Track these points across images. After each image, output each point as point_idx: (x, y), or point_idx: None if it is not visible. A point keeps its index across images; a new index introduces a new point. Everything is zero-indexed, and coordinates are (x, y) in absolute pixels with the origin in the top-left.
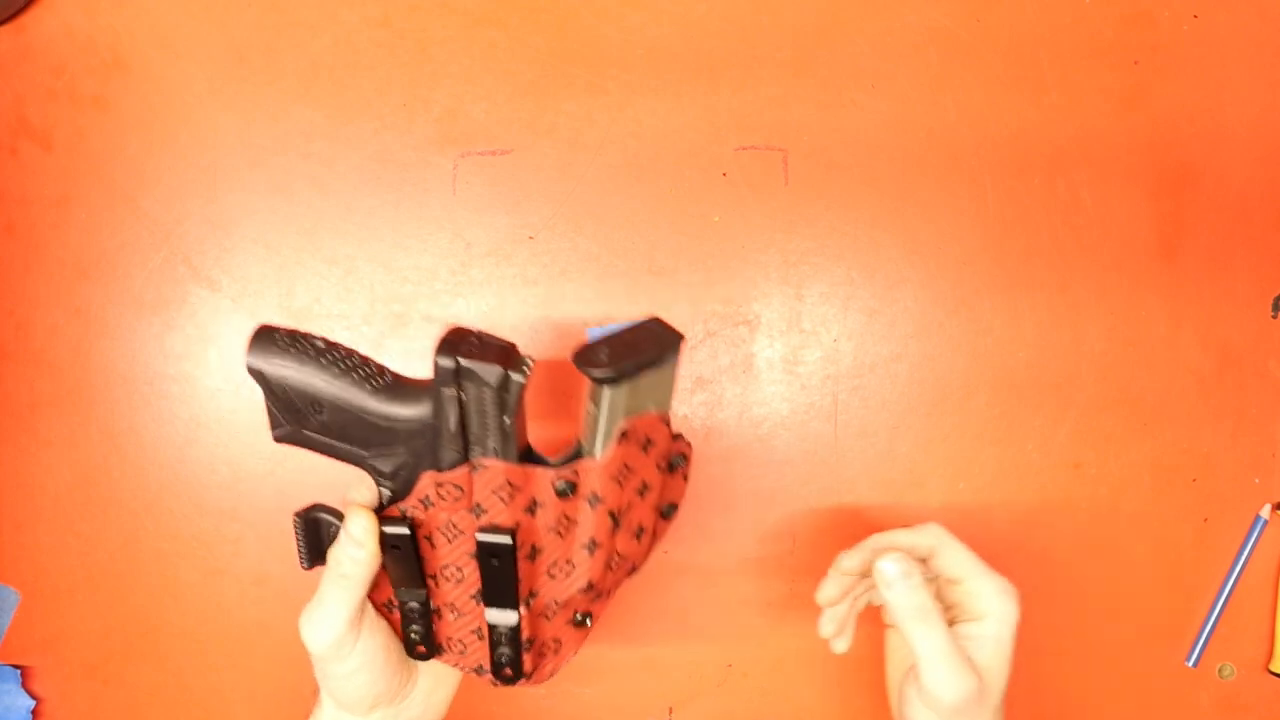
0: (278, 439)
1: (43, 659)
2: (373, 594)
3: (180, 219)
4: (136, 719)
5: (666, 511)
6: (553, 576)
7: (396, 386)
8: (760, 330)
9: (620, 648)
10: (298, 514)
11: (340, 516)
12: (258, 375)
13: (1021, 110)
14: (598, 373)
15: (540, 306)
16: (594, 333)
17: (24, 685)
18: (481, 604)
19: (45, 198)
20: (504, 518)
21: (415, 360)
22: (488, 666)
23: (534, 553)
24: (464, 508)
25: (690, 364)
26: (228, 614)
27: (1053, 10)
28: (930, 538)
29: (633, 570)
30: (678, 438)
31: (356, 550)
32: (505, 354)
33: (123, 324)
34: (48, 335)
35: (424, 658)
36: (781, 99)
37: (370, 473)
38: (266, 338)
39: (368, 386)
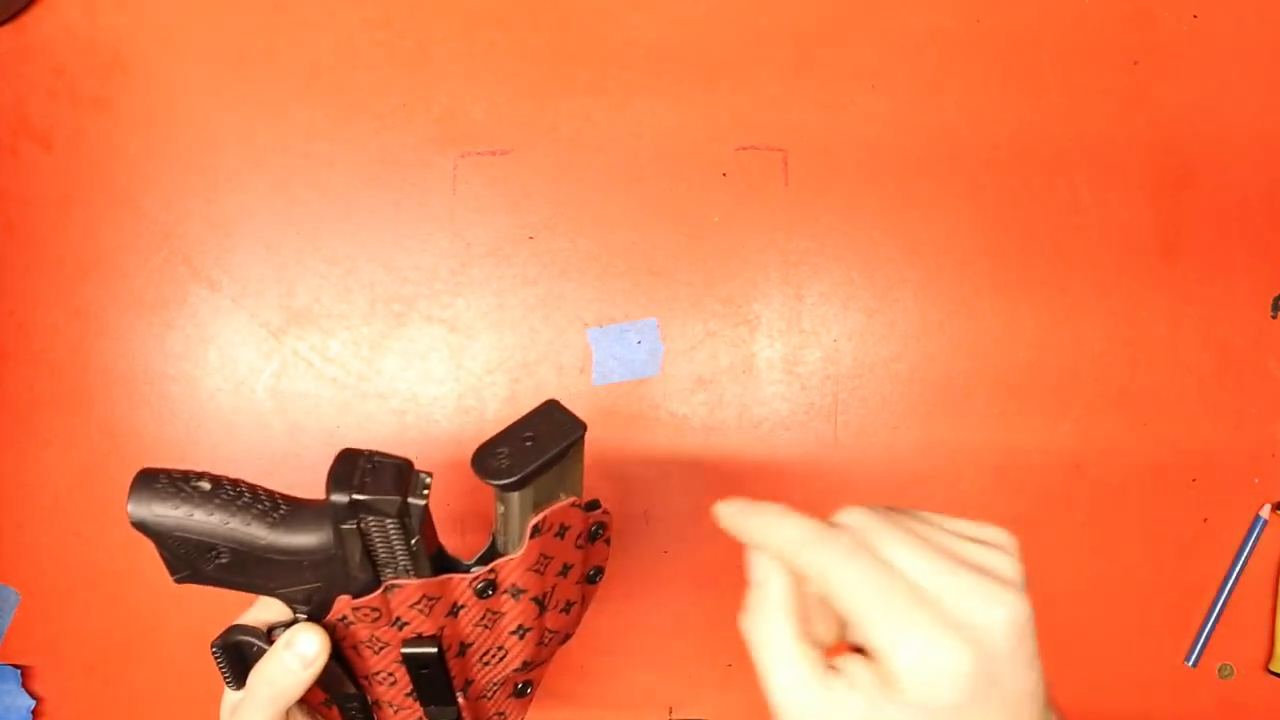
0: (178, 582)
1: (43, 659)
2: (307, 695)
3: (180, 219)
4: (136, 719)
5: (593, 577)
6: (486, 664)
7: (294, 515)
8: (760, 330)
9: (620, 648)
10: (216, 644)
11: (262, 637)
12: (141, 527)
13: (1021, 110)
14: (499, 482)
15: (540, 306)
16: (594, 336)
17: (24, 685)
18: (418, 701)
19: (45, 198)
20: (426, 626)
21: (416, 361)
22: None
23: (463, 649)
24: (384, 624)
25: (690, 364)
26: (227, 614)
27: (1053, 10)
28: (776, 542)
29: (567, 638)
30: (593, 507)
31: (303, 671)
32: (400, 476)
33: (123, 324)
34: (48, 335)
35: None
36: (781, 99)
37: (282, 600)
38: (146, 485)
39: (265, 522)
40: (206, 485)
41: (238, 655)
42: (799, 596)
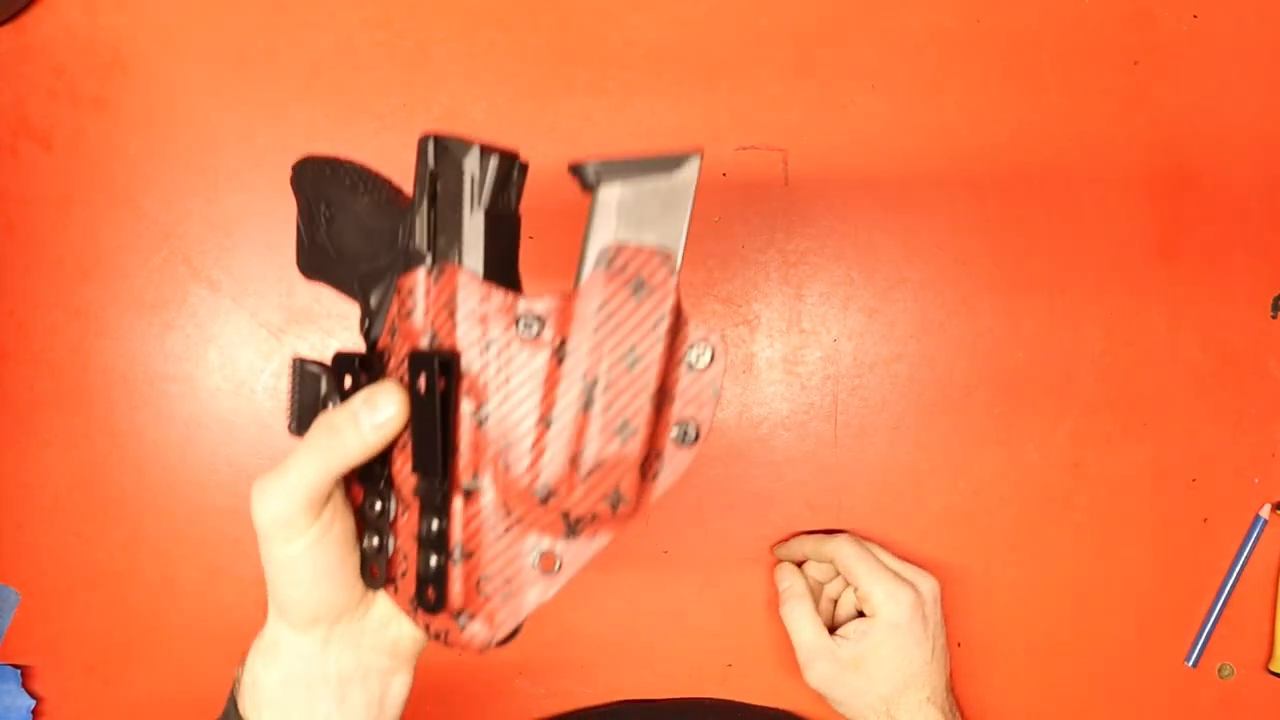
0: (299, 264)
1: (43, 659)
2: (352, 488)
3: (180, 219)
4: (136, 719)
5: (682, 433)
6: (505, 463)
7: (393, 201)
8: (760, 330)
9: (620, 647)
10: (297, 359)
11: (337, 388)
12: (304, 162)
13: (1021, 110)
14: (585, 166)
15: None
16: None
17: (24, 685)
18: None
19: (45, 198)
20: (456, 345)
21: None
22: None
23: (483, 417)
24: (421, 334)
25: None
26: (228, 614)
27: (1053, 10)
28: (830, 549)
29: (618, 502)
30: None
31: (372, 433)
32: (490, 145)
33: (123, 324)
34: (48, 335)
35: (374, 583)
36: (781, 99)
37: (362, 307)
38: (304, 162)
39: (368, 198)
40: (343, 163)
41: (313, 388)
42: (811, 592)
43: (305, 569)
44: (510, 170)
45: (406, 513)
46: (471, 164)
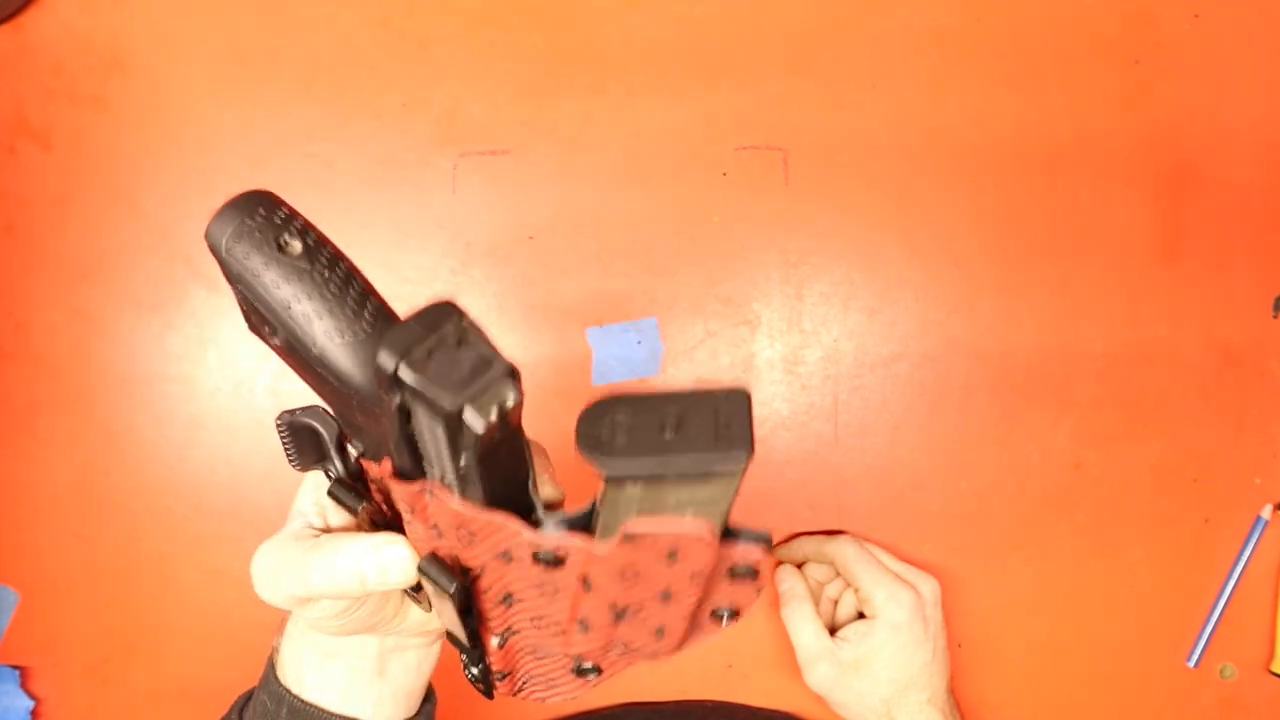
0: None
1: (42, 659)
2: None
3: (180, 219)
4: (136, 719)
5: (722, 616)
6: (538, 627)
7: (375, 339)
8: (760, 330)
9: None
10: (285, 416)
11: (337, 440)
12: (212, 248)
13: (1021, 110)
14: (592, 456)
15: (540, 306)
16: (594, 335)
17: (24, 685)
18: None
19: (45, 198)
20: (465, 556)
21: None
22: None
23: (508, 600)
24: (421, 523)
25: (690, 364)
26: (227, 614)
27: (1053, 10)
28: (830, 550)
29: (655, 656)
30: (751, 539)
31: (373, 581)
32: (477, 373)
33: (123, 324)
34: (48, 335)
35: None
36: (781, 99)
37: (340, 422)
38: (240, 211)
39: (336, 326)
40: (298, 248)
41: (309, 438)
42: (811, 594)
43: (333, 625)
44: (482, 425)
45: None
46: (451, 420)
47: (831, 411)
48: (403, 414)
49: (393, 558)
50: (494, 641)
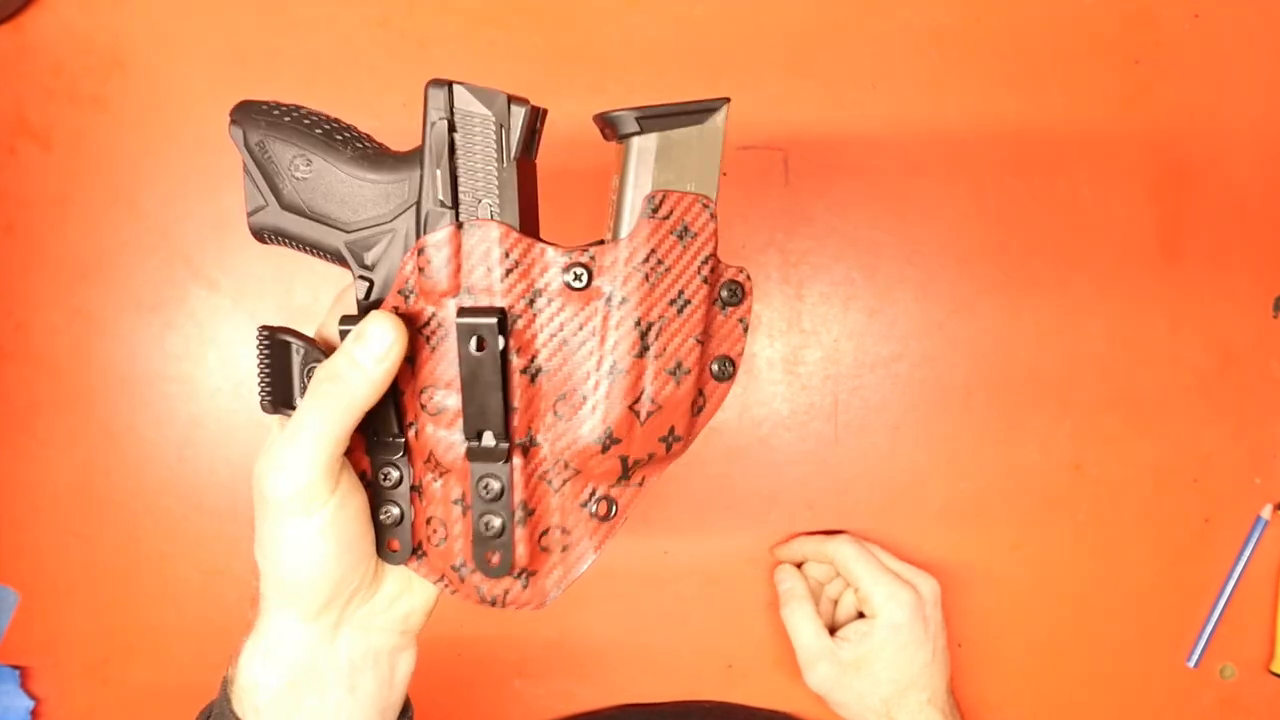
0: (255, 227)
1: (43, 659)
2: (353, 454)
3: (180, 219)
4: (136, 719)
5: (721, 369)
6: (559, 415)
7: (381, 154)
8: (760, 330)
9: (620, 647)
10: (264, 328)
11: (318, 346)
12: (240, 118)
13: (1021, 110)
14: (620, 115)
15: None
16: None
17: (24, 685)
18: (467, 456)
19: (45, 198)
20: (497, 301)
21: None
22: (469, 559)
23: (534, 370)
24: (448, 294)
25: None
26: (228, 614)
27: (1053, 10)
28: (830, 550)
29: (672, 440)
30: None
31: (374, 366)
32: (512, 100)
33: (123, 324)
34: (48, 335)
35: (395, 558)
36: (781, 99)
37: (352, 263)
38: (247, 105)
39: (354, 147)
40: (305, 110)
41: (283, 357)
42: (811, 593)
43: (325, 545)
44: (536, 119)
45: (440, 479)
46: (500, 113)
47: (831, 411)
48: (451, 140)
49: (369, 323)
50: (515, 460)
